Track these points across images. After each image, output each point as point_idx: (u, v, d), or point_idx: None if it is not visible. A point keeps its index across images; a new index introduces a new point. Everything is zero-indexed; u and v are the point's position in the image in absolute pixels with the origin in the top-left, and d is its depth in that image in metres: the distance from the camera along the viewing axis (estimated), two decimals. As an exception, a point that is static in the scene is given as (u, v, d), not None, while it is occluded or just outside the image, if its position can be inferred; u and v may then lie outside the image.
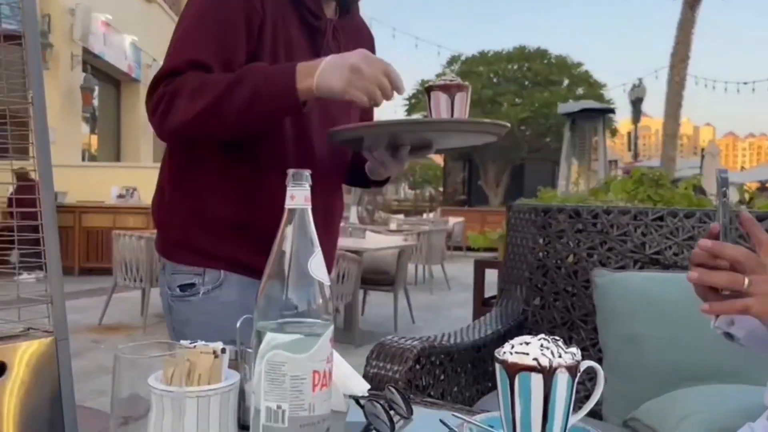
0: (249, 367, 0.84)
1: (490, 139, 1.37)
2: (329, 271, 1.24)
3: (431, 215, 14.43)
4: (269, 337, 0.75)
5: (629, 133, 16.73)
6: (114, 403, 0.71)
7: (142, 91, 12.32)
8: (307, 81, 1.15)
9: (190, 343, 0.81)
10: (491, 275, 4.53)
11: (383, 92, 1.18)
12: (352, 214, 10.59)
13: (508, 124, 1.35)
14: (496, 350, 0.82)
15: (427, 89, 1.31)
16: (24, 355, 1.26)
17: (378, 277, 6.14)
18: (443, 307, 7.03)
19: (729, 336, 1.05)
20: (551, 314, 1.96)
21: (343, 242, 6.28)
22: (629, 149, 17.12)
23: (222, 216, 1.32)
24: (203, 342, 0.84)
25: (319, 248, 0.80)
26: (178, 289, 1.33)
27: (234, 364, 0.86)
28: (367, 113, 1.58)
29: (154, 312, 5.78)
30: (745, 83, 19.73)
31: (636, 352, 1.66)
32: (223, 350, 0.82)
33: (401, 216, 13.96)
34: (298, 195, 0.78)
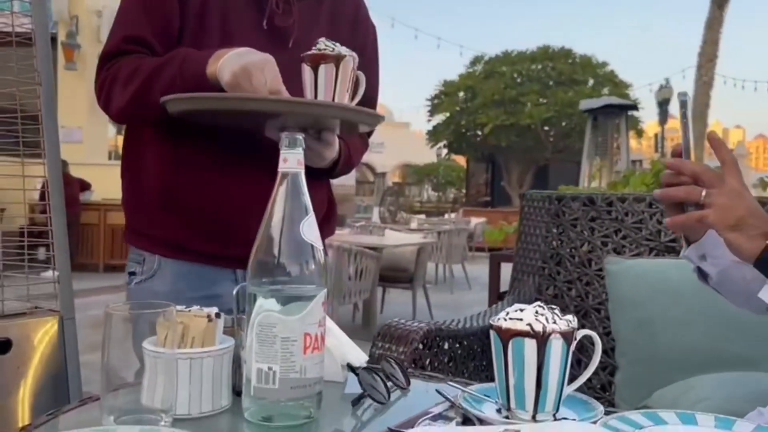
0: (245, 334, 0.85)
1: (366, 127, 1.30)
2: None
3: (453, 215, 14.38)
4: (261, 299, 0.75)
5: (656, 135, 16.52)
6: (106, 357, 0.72)
7: None
8: (213, 66, 1.08)
9: (186, 308, 0.81)
10: (506, 268, 4.51)
11: None
12: (375, 214, 10.62)
13: (371, 111, 1.22)
14: (491, 319, 0.81)
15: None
16: (29, 332, 1.29)
17: (397, 274, 6.15)
18: (463, 306, 7.00)
19: (702, 275, 1.06)
20: (564, 303, 1.93)
21: (363, 239, 6.31)
22: (656, 150, 16.89)
23: (153, 185, 1.24)
24: (198, 307, 0.84)
25: (313, 212, 0.80)
26: (127, 276, 1.30)
27: (230, 331, 0.86)
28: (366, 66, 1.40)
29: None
30: (776, 81, 19.34)
31: (648, 339, 1.64)
32: (218, 315, 0.83)
33: (423, 216, 13.93)
34: (291, 158, 0.78)
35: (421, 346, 1.43)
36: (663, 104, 15.55)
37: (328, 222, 1.41)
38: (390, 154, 30.07)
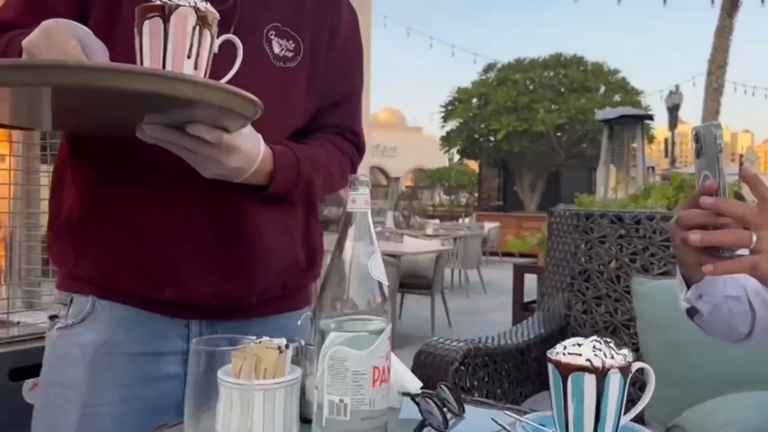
0: (309, 362, 0.87)
1: (238, 121, 0.82)
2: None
3: (467, 220, 14.35)
4: (333, 334, 0.76)
5: (666, 140, 16.39)
6: (188, 391, 0.75)
7: None
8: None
9: (257, 339, 0.84)
10: (530, 280, 4.52)
11: None
12: (389, 218, 10.63)
13: (231, 89, 0.75)
14: (548, 351, 0.82)
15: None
16: None
17: (415, 281, 6.14)
18: (480, 312, 7.00)
19: (691, 311, 1.03)
20: (594, 319, 1.95)
21: (382, 246, 6.28)
22: (666, 155, 16.76)
23: (77, 216, 0.96)
24: (267, 338, 0.86)
25: (378, 249, 0.80)
26: (48, 320, 1.02)
27: (295, 360, 0.88)
28: (339, 56, 1.11)
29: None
30: (787, 88, 19.19)
31: (677, 359, 1.65)
32: (287, 346, 0.85)
33: (437, 221, 13.91)
34: (359, 199, 0.79)
35: (463, 368, 1.45)
36: (673, 110, 15.43)
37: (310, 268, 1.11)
38: (402, 158, 30.11)
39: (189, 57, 0.78)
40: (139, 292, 0.95)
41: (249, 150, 0.88)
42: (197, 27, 0.77)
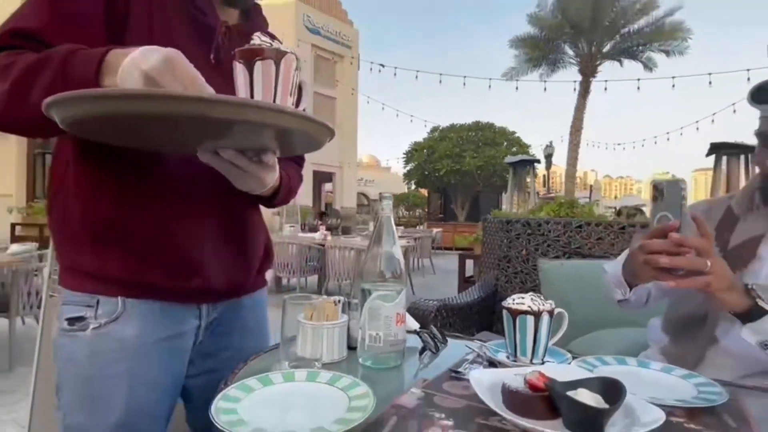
0: (352, 312, 0.87)
1: (315, 144, 0.69)
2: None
3: (421, 227, 14.40)
4: (372, 293, 0.78)
5: (544, 176, 16.65)
6: (283, 329, 0.76)
7: None
8: (111, 79, 0.58)
9: (318, 298, 0.81)
10: (468, 263, 4.56)
11: None
12: (371, 226, 10.54)
13: (327, 123, 0.64)
14: (503, 302, 0.82)
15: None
16: None
17: (391, 265, 6.10)
18: (433, 286, 6.98)
19: (622, 301, 0.98)
20: (513, 286, 1.98)
21: (367, 242, 6.24)
22: (543, 185, 17.02)
23: (106, 217, 0.72)
24: (325, 296, 0.86)
25: (398, 240, 0.81)
26: (65, 323, 0.74)
27: (344, 310, 0.88)
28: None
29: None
30: (619, 144, 19.85)
31: (567, 310, 1.67)
32: (339, 301, 0.86)
33: (401, 228, 13.91)
34: (386, 208, 0.81)
35: (436, 316, 1.46)
36: (548, 157, 15.75)
37: (255, 267, 0.89)
38: (378, 187, 30.09)
39: (291, 94, 0.64)
40: (167, 286, 0.75)
41: (277, 169, 0.75)
42: (297, 69, 0.64)
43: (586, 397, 0.56)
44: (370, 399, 0.60)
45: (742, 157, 4.77)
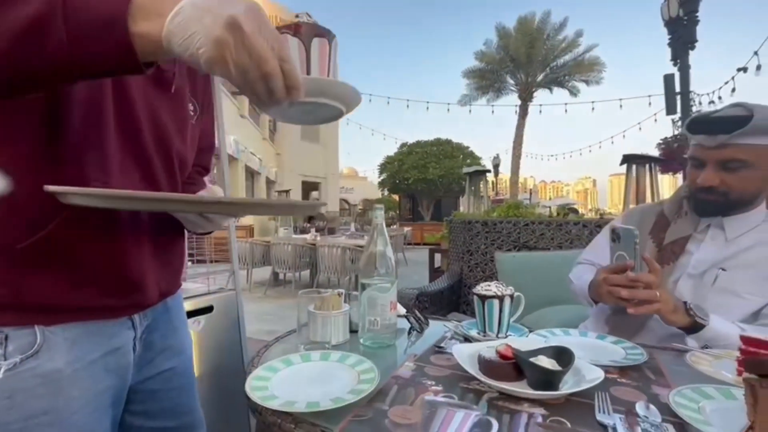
0: (353, 302, 0.87)
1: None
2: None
3: (394, 227, 14.44)
4: (369, 286, 0.79)
5: (493, 182, 17.04)
6: (299, 318, 0.77)
7: (239, 165, 11.75)
8: (151, 23, 0.36)
9: (324, 292, 0.83)
10: (437, 256, 4.61)
11: (269, 82, 0.37)
12: (352, 227, 10.48)
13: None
14: (474, 289, 0.84)
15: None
16: (223, 301, 1.28)
17: (371, 259, 6.05)
18: (406, 276, 7.00)
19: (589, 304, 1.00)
20: (476, 275, 2.00)
21: (353, 242, 6.20)
22: (493, 190, 17.45)
23: (19, 235, 0.48)
24: (330, 290, 0.88)
25: (390, 242, 0.81)
26: None
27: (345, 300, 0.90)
28: (209, 117, 0.74)
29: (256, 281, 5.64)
30: (551, 155, 20.48)
31: (520, 293, 1.71)
32: (342, 293, 0.86)
33: (378, 227, 13.87)
34: (379, 216, 0.82)
35: (416, 301, 1.48)
36: (496, 167, 16.16)
37: (179, 274, 0.71)
38: (357, 194, 30.07)
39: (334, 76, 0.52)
40: (99, 305, 0.54)
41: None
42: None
43: (545, 362, 0.60)
44: (375, 373, 0.62)
45: (647, 165, 5.01)
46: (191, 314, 1.18)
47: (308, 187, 20.66)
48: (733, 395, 0.56)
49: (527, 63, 16.31)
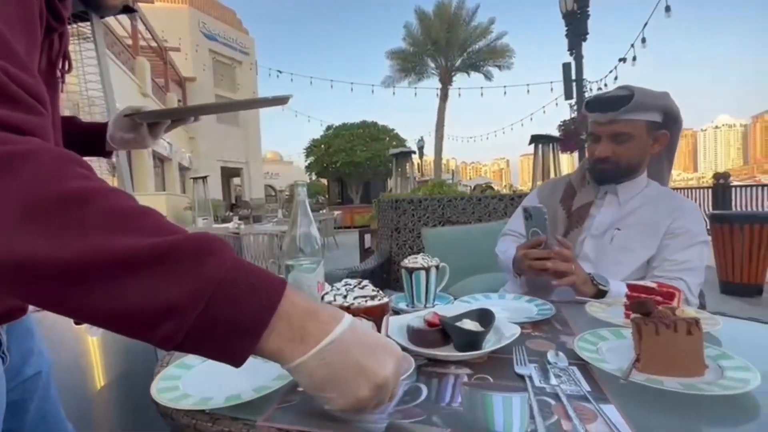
0: None
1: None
2: None
3: (323, 211, 14.23)
4: (294, 267, 0.75)
5: (418, 164, 17.65)
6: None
7: (145, 151, 10.62)
8: (288, 345, 0.34)
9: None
10: (366, 237, 4.64)
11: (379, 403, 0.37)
12: (279, 213, 10.10)
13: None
14: (401, 262, 0.85)
15: None
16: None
17: (301, 245, 5.91)
18: (337, 258, 6.98)
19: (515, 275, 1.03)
20: (403, 251, 2.04)
21: (280, 228, 6.00)
22: (418, 171, 18.05)
23: None
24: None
25: (314, 220, 0.79)
26: None
27: None
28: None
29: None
30: (470, 137, 21.87)
31: (446, 263, 1.79)
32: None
33: (307, 212, 13.53)
34: (302, 193, 0.77)
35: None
36: (420, 149, 16.73)
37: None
38: (283, 179, 28.84)
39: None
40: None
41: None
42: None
43: (469, 324, 0.63)
44: (303, 355, 0.59)
45: (551, 144, 5.58)
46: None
47: (228, 173, 19.30)
48: (622, 335, 0.64)
49: (446, 48, 16.92)
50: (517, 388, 0.51)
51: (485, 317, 0.65)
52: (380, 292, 0.57)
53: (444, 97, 17.24)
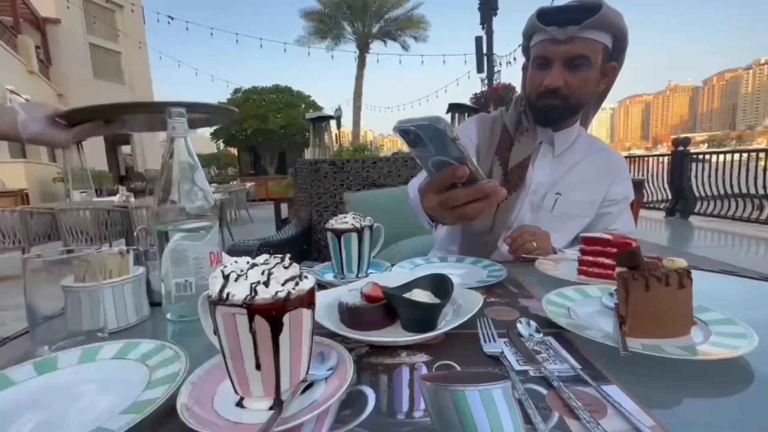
0: (151, 263, 0.61)
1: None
2: None
3: (234, 183, 13.11)
4: (172, 234, 0.53)
5: (336, 135, 17.30)
6: (30, 308, 0.44)
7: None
8: None
9: (97, 249, 0.54)
10: (283, 207, 4.31)
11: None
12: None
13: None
14: (327, 224, 0.71)
15: None
16: None
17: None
18: (252, 231, 6.49)
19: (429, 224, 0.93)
20: (324, 219, 1.89)
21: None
22: (336, 142, 17.80)
23: None
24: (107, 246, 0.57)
25: (201, 167, 0.58)
26: None
27: (138, 263, 0.61)
28: None
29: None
30: (388, 107, 21.86)
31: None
32: (128, 251, 0.58)
33: (215, 184, 12.35)
34: (179, 126, 0.54)
35: (258, 252, 1.24)
36: (338, 119, 16.24)
37: None
38: (186, 148, 25.84)
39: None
40: None
41: None
42: None
43: (421, 295, 0.48)
44: (182, 362, 0.38)
45: (466, 113, 5.73)
46: None
47: (115, 142, 16.57)
48: (587, 293, 0.56)
49: (362, 12, 16.32)
50: (495, 376, 0.37)
51: (441, 285, 0.51)
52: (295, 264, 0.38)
53: (362, 64, 16.80)
